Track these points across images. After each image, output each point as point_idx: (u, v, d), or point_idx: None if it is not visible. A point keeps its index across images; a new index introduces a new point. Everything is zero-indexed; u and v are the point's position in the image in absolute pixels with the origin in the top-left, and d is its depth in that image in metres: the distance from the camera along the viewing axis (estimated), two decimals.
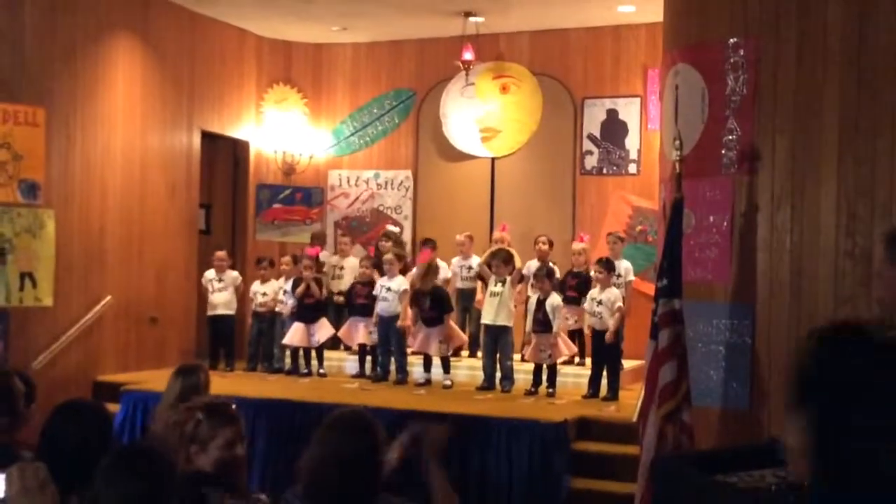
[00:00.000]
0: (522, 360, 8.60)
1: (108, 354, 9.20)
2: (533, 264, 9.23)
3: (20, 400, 3.69)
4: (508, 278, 8.51)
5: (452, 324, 8.91)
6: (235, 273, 9.83)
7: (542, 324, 8.15)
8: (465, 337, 9.16)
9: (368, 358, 9.18)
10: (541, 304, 8.21)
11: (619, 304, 8.16)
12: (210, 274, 9.69)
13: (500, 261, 8.60)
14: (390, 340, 8.81)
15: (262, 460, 7.31)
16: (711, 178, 4.89)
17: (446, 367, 8.66)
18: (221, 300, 9.62)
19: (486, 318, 8.49)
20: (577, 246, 9.14)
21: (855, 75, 4.55)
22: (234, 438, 3.20)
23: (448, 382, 8.59)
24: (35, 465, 2.09)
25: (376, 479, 2.93)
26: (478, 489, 6.87)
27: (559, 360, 8.36)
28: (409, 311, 8.77)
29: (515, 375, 8.42)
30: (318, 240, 10.54)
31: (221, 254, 9.77)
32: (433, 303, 8.60)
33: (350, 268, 9.90)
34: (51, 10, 8.60)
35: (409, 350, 8.90)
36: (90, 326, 8.93)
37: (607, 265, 8.30)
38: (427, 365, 8.70)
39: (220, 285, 9.63)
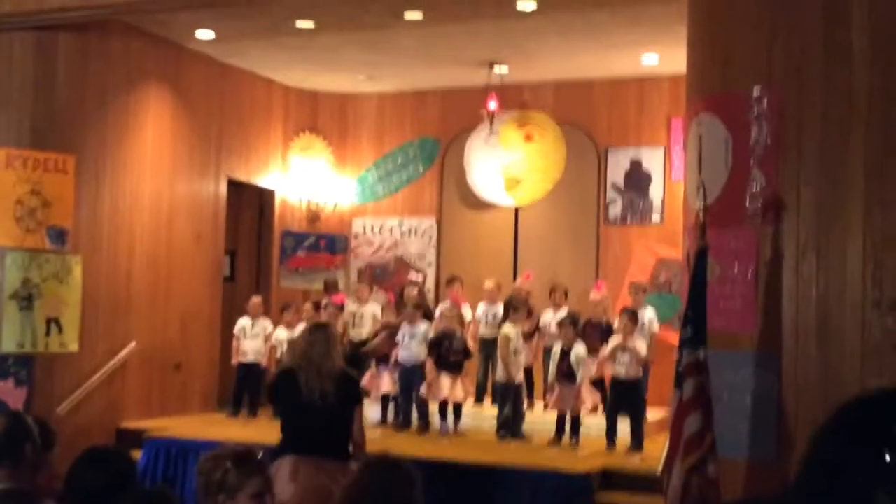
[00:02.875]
0: (545, 408, 8.54)
1: (132, 400, 9.22)
2: (549, 315, 9.23)
3: (32, 444, 3.65)
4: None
5: None
6: (268, 321, 9.79)
7: (567, 374, 8.10)
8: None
9: (390, 406, 9.14)
10: (565, 353, 8.16)
11: (644, 354, 8.11)
12: (244, 321, 9.64)
13: (514, 308, 8.60)
14: (412, 388, 8.77)
15: None
16: (736, 228, 4.87)
17: (459, 415, 8.67)
18: (252, 347, 9.58)
19: (515, 377, 8.45)
20: (595, 296, 9.12)
21: (880, 123, 4.54)
22: (262, 488, 3.19)
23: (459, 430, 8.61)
24: None
25: None
26: None
27: (583, 411, 8.30)
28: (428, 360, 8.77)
29: (539, 426, 8.41)
30: (332, 287, 10.51)
31: (257, 300, 9.74)
32: (463, 347, 8.66)
33: (369, 315, 9.89)
34: (83, 59, 8.76)
35: (428, 398, 8.89)
36: (114, 372, 8.96)
37: (632, 315, 8.27)
38: (444, 412, 8.63)
39: (253, 332, 9.61)
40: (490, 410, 9.24)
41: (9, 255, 8.24)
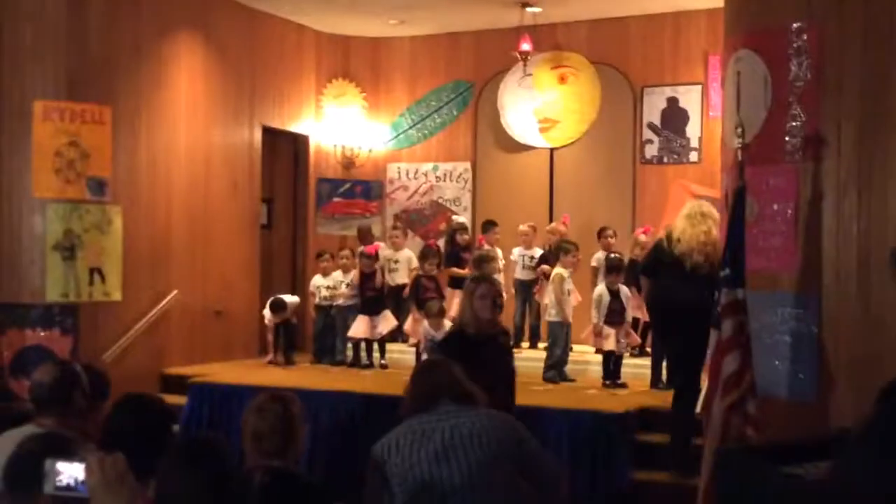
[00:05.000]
0: (597, 352, 8.56)
1: (175, 347, 9.38)
2: (601, 256, 9.22)
3: (81, 392, 3.70)
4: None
5: None
6: (293, 299, 9.81)
7: (620, 314, 8.23)
8: None
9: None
10: (615, 294, 8.25)
11: None
12: (271, 316, 9.60)
13: (565, 250, 8.67)
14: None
15: (325, 451, 7.41)
16: (775, 166, 4.82)
17: None
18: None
19: (569, 317, 8.51)
20: (644, 238, 9.11)
21: None
22: None
23: None
24: (114, 456, 2.12)
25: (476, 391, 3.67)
26: None
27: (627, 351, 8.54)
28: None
29: (578, 367, 8.47)
30: (365, 235, 10.52)
31: (286, 302, 9.65)
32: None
33: (404, 261, 9.93)
34: (115, 10, 8.77)
35: None
36: (157, 320, 9.11)
37: None
38: None
39: (284, 318, 9.66)
40: (528, 353, 9.30)
41: (50, 206, 8.35)
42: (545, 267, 9.25)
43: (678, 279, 6.45)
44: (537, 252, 9.63)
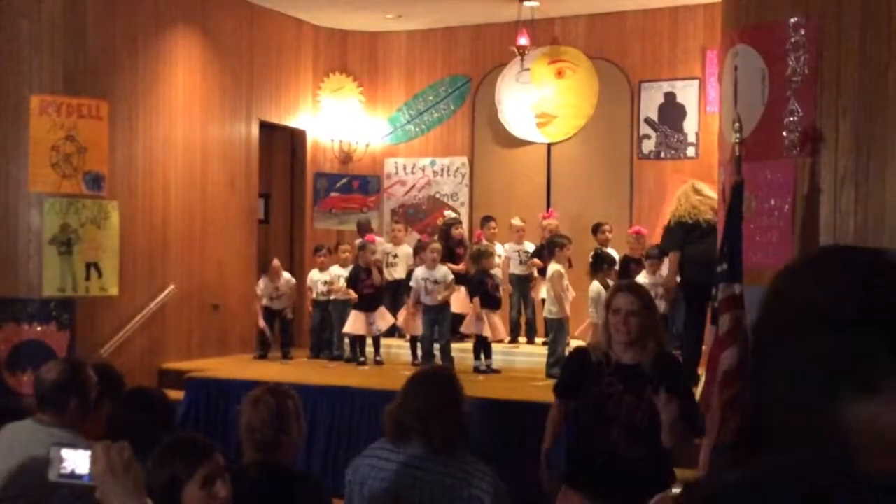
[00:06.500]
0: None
1: (172, 342, 9.37)
2: None
3: (79, 398, 3.64)
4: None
5: None
6: (288, 276, 9.80)
7: None
8: None
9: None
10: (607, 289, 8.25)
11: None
12: (266, 285, 9.55)
13: (560, 245, 8.66)
14: (436, 328, 8.79)
15: (321, 446, 7.42)
16: (772, 161, 4.82)
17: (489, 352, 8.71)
18: (278, 304, 9.65)
19: (568, 312, 8.51)
20: (634, 237, 9.10)
21: None
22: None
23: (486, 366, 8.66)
24: (120, 445, 2.12)
25: (459, 428, 3.20)
26: (534, 474, 6.86)
27: None
28: (475, 300, 8.81)
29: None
30: (365, 228, 10.52)
31: (276, 263, 9.61)
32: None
33: (403, 256, 9.92)
34: (112, 4, 8.75)
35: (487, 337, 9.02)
36: (154, 315, 9.10)
37: (658, 253, 8.30)
38: (488, 350, 8.68)
39: (278, 293, 9.61)
40: (526, 348, 9.31)
41: (46, 201, 8.34)
42: (537, 261, 9.26)
43: (698, 237, 7.25)
44: (530, 247, 9.63)
